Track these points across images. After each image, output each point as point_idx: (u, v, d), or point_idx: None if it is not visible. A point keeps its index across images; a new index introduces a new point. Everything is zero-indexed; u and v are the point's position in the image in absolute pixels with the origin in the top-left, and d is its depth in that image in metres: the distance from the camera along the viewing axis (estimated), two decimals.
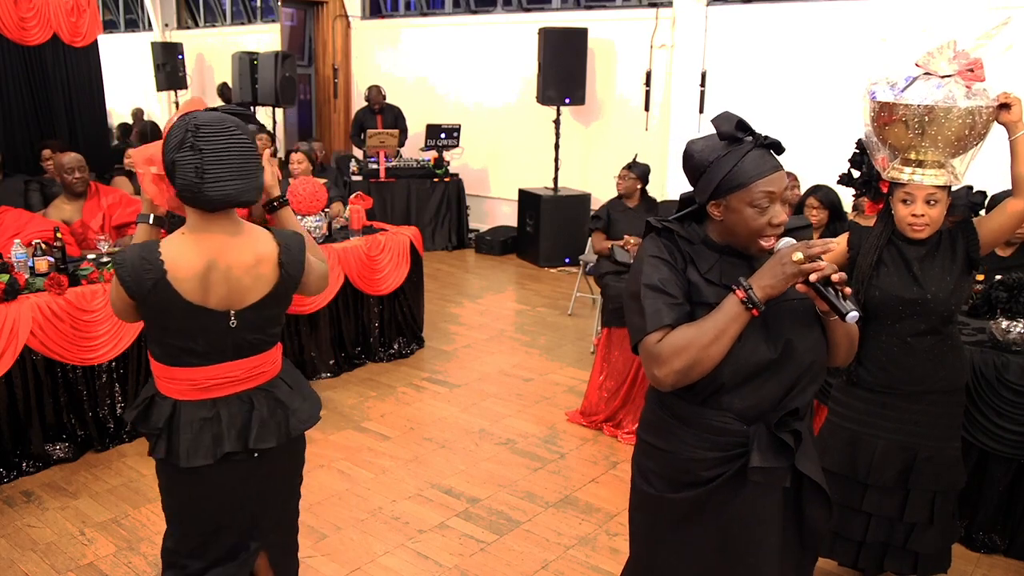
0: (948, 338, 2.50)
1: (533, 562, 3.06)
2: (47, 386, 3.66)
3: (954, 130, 2.29)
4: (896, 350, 2.49)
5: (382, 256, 5.07)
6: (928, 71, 2.35)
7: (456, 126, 8.63)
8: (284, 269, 1.97)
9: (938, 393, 2.51)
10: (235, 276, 1.91)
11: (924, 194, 2.37)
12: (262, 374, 2.05)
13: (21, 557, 3.02)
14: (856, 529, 2.62)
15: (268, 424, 2.02)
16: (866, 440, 2.56)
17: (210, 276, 1.88)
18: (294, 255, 1.99)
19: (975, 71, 2.30)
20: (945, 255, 2.46)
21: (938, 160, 2.36)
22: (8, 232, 4.22)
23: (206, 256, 1.87)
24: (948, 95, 2.28)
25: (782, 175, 1.67)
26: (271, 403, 2.05)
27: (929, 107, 2.27)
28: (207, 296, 1.89)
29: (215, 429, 1.97)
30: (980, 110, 2.27)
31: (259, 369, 2.04)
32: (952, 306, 2.44)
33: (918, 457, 2.51)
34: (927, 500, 2.55)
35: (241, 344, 1.98)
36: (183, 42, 11.54)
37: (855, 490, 2.60)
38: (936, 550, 2.60)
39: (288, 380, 2.12)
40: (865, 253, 2.53)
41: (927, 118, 2.28)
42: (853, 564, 2.71)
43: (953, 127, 2.28)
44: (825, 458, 2.63)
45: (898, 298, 2.45)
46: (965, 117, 2.27)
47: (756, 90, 6.93)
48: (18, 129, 6.23)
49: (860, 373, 2.56)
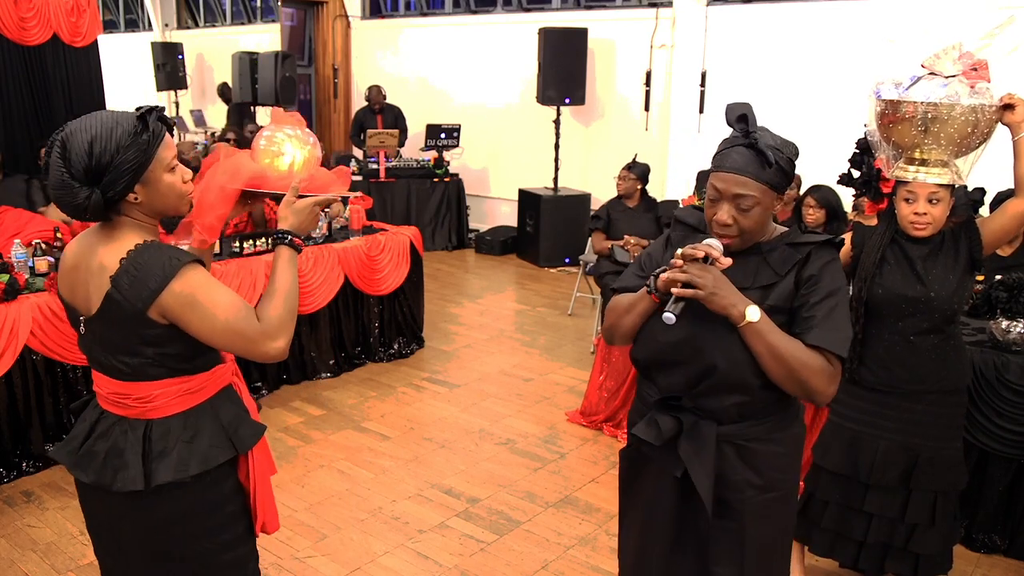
0: (951, 338, 2.51)
1: (533, 562, 3.06)
2: (47, 386, 3.66)
3: (957, 128, 2.30)
4: (899, 348, 2.50)
5: (382, 256, 5.07)
6: (933, 71, 2.36)
7: (456, 126, 8.63)
8: (113, 286, 1.58)
9: (940, 393, 2.51)
10: (86, 278, 1.66)
11: (927, 192, 2.39)
12: (127, 408, 1.68)
13: (21, 557, 3.02)
14: (857, 529, 2.62)
15: (95, 457, 1.68)
16: (868, 440, 2.56)
17: (76, 273, 1.68)
18: (139, 279, 1.57)
19: (979, 70, 2.31)
20: (948, 254, 2.46)
21: (941, 159, 2.37)
22: (8, 232, 4.23)
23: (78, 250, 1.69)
24: (951, 93, 2.29)
25: (733, 178, 1.68)
26: (119, 440, 1.67)
27: (933, 104, 2.29)
28: (73, 293, 1.70)
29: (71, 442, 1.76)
30: (983, 108, 2.28)
31: (122, 398, 1.68)
32: (955, 305, 2.44)
33: (920, 457, 2.51)
34: (929, 501, 2.54)
35: (97, 359, 1.70)
36: (183, 42, 11.54)
37: (856, 490, 2.60)
38: (937, 552, 2.60)
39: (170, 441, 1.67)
40: (869, 251, 2.54)
41: (930, 115, 2.30)
42: (853, 565, 2.71)
43: (956, 125, 2.30)
44: (827, 458, 2.65)
45: (901, 296, 2.46)
46: (968, 115, 2.28)
47: (756, 90, 6.92)
48: (18, 129, 6.23)
49: (862, 372, 2.56)
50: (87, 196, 1.56)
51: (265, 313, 1.64)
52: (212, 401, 1.74)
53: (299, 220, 1.73)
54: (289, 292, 1.68)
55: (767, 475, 1.77)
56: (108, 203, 1.60)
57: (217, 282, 1.64)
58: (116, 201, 1.61)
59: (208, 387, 1.74)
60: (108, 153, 1.53)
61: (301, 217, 1.73)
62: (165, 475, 1.65)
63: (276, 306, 1.65)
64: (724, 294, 1.65)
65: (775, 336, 1.66)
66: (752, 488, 1.77)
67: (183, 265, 1.59)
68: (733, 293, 1.67)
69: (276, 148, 1.83)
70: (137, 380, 1.67)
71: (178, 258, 1.60)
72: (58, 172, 1.56)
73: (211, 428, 1.72)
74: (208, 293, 1.60)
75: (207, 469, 1.69)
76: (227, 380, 1.80)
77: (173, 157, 1.64)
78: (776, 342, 1.65)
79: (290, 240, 1.72)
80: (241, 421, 1.78)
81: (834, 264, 1.74)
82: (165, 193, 1.65)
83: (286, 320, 1.65)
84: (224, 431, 1.73)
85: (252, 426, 1.80)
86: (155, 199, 1.65)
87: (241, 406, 1.82)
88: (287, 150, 1.83)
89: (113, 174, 1.55)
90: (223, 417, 1.75)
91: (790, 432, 1.82)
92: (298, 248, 1.73)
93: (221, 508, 1.76)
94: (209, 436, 1.71)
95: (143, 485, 1.64)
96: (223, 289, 1.63)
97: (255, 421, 1.83)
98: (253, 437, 1.78)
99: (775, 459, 1.78)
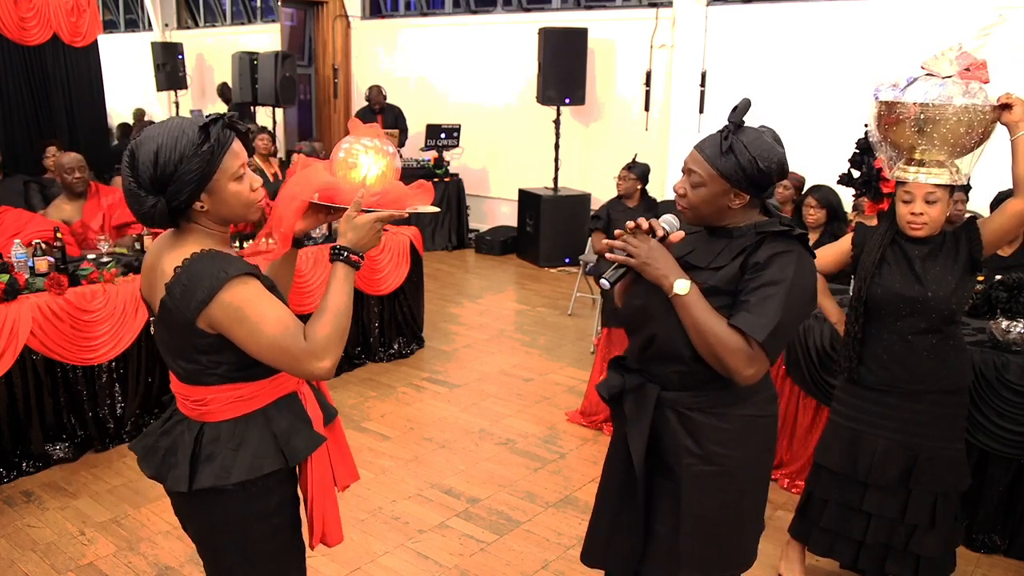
0: (950, 338, 2.51)
1: (533, 562, 3.06)
2: (47, 386, 3.66)
3: (950, 128, 2.33)
4: (897, 348, 2.51)
5: (382, 256, 5.07)
6: (931, 72, 2.38)
7: (456, 126, 8.64)
8: (167, 293, 1.60)
9: (940, 393, 2.51)
10: (155, 280, 1.67)
11: (923, 192, 2.40)
12: (188, 409, 1.71)
13: (21, 557, 3.02)
14: (856, 529, 2.63)
15: (157, 452, 1.73)
16: (867, 439, 2.56)
17: (152, 274, 1.70)
18: (188, 289, 1.58)
19: (972, 70, 2.33)
20: (948, 255, 2.47)
21: (938, 159, 2.39)
22: (8, 232, 4.22)
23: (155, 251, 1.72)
24: (944, 93, 2.33)
25: (693, 154, 1.85)
26: (178, 440, 1.71)
27: (924, 104, 2.33)
28: (148, 292, 1.73)
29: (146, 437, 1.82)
30: (976, 108, 2.32)
31: (184, 399, 1.71)
32: (953, 305, 2.45)
33: (920, 457, 2.51)
34: (929, 502, 2.54)
35: (164, 358, 1.73)
36: (183, 42, 11.54)
37: (856, 490, 2.61)
38: (938, 554, 2.59)
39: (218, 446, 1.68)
40: (869, 251, 2.56)
41: (924, 116, 2.34)
42: (852, 565, 2.71)
43: (949, 125, 2.33)
44: (827, 457, 2.66)
45: (899, 296, 2.47)
46: (961, 115, 2.31)
47: (756, 90, 6.90)
48: (18, 129, 6.23)
49: (861, 371, 2.57)
50: (153, 205, 1.58)
51: (313, 332, 1.58)
52: (266, 410, 1.72)
53: (358, 236, 1.64)
54: (340, 311, 1.61)
55: (706, 447, 1.82)
56: (174, 211, 1.61)
57: (268, 296, 1.61)
58: (182, 210, 1.61)
59: (262, 395, 1.71)
60: (172, 163, 1.55)
61: (360, 233, 1.65)
62: (206, 480, 1.65)
63: (325, 325, 1.59)
64: (657, 265, 1.76)
65: (701, 311, 1.73)
66: (691, 456, 1.83)
67: (231, 278, 1.57)
68: (667, 265, 1.76)
69: (352, 160, 1.77)
70: (193, 384, 1.68)
71: (226, 270, 1.58)
72: (127, 181, 1.59)
73: (260, 437, 1.69)
74: (256, 307, 1.57)
75: (251, 478, 1.67)
76: (287, 389, 1.76)
77: (240, 166, 1.63)
78: (700, 317, 1.73)
79: (346, 256, 1.64)
80: (296, 431, 1.73)
81: (786, 256, 1.75)
82: (231, 202, 1.64)
83: (334, 340, 1.59)
84: (275, 441, 1.70)
85: (309, 437, 1.75)
86: (221, 208, 1.64)
87: (301, 416, 1.77)
88: (362, 162, 1.77)
89: (177, 184, 1.56)
90: (276, 427, 1.71)
91: (739, 411, 1.84)
92: (355, 265, 1.65)
93: (268, 519, 1.73)
94: (256, 445, 1.68)
95: (187, 487, 1.65)
96: (272, 304, 1.60)
97: (314, 432, 1.77)
98: (307, 448, 1.74)
99: (716, 433, 1.82)
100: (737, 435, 1.83)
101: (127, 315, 3.86)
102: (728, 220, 1.84)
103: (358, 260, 1.65)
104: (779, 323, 1.70)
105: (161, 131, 1.58)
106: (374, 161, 1.78)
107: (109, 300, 3.80)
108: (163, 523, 3.22)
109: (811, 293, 1.80)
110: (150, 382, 4.05)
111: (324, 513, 1.82)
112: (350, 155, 1.78)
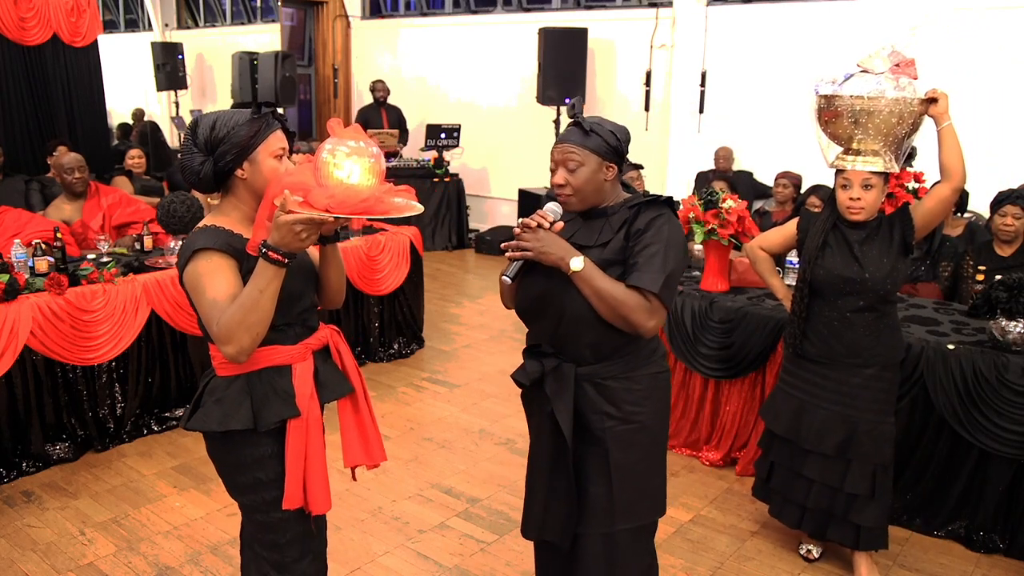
0: (885, 316, 2.73)
1: (533, 562, 3.06)
2: (47, 386, 3.66)
3: (883, 119, 2.57)
4: (836, 324, 2.74)
5: (382, 256, 5.07)
6: (865, 69, 2.63)
7: (456, 126, 8.64)
8: (178, 256, 1.85)
9: (876, 367, 2.72)
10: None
11: (860, 179, 2.63)
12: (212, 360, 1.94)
13: (21, 557, 3.02)
14: (799, 493, 2.87)
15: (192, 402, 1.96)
16: (810, 408, 2.80)
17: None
18: (181, 255, 1.82)
19: (902, 67, 2.57)
20: (884, 239, 2.69)
21: (873, 148, 2.63)
22: (8, 232, 4.23)
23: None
24: (877, 88, 2.57)
25: (561, 147, 2.01)
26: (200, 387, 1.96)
27: (860, 97, 2.58)
28: None
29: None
30: (906, 100, 2.55)
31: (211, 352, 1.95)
32: (888, 286, 2.67)
33: (859, 430, 2.73)
34: (868, 472, 2.75)
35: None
36: (183, 42, 11.52)
37: (798, 455, 2.85)
38: (878, 524, 2.78)
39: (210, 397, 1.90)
40: (812, 236, 2.79)
41: (859, 108, 2.58)
42: (797, 526, 2.94)
43: (882, 116, 2.57)
44: (776, 423, 2.93)
45: (839, 277, 2.69)
46: (892, 107, 2.56)
47: (756, 90, 6.92)
48: (18, 129, 6.23)
49: (805, 345, 2.82)
50: (202, 162, 1.81)
51: (222, 318, 1.71)
52: (250, 376, 1.87)
53: (280, 236, 1.67)
54: (247, 305, 1.69)
55: (623, 408, 2.04)
56: (218, 175, 1.83)
57: (221, 274, 1.76)
58: (226, 174, 1.83)
59: (248, 362, 1.84)
60: (226, 128, 1.79)
61: (281, 233, 1.66)
62: (195, 422, 1.88)
63: (232, 314, 1.70)
64: (551, 251, 1.96)
65: (599, 280, 1.93)
66: (612, 419, 2.04)
67: (199, 250, 1.77)
68: (560, 249, 1.95)
69: (326, 165, 1.72)
70: (208, 339, 1.88)
71: (201, 244, 1.77)
72: (186, 144, 1.83)
73: (236, 398, 1.86)
74: (208, 280, 1.75)
75: (222, 431, 1.85)
76: (275, 361, 1.88)
77: (282, 149, 1.85)
78: (600, 285, 1.93)
79: (265, 253, 1.68)
80: (268, 401, 1.86)
81: (661, 219, 1.97)
82: (267, 175, 1.82)
83: (234, 329, 1.69)
84: (250, 405, 1.85)
85: (281, 409, 1.87)
86: (257, 179, 1.83)
87: (281, 388, 1.88)
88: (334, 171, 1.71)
89: (226, 145, 1.79)
90: (254, 392, 1.86)
91: (644, 371, 2.06)
92: (275, 263, 1.68)
93: (247, 471, 1.90)
94: (230, 403, 1.85)
95: (185, 424, 1.92)
96: (221, 282, 1.75)
97: (289, 406, 1.87)
98: (274, 417, 1.86)
99: (629, 394, 2.04)
100: (646, 392, 2.06)
101: (127, 315, 3.86)
102: (604, 198, 2.04)
103: (278, 258, 1.69)
104: (668, 274, 1.93)
105: (221, 111, 1.85)
106: (355, 163, 1.73)
107: (109, 300, 3.80)
108: (163, 523, 3.21)
109: (685, 246, 2.05)
110: (150, 382, 4.06)
111: (298, 479, 1.90)
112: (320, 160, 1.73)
